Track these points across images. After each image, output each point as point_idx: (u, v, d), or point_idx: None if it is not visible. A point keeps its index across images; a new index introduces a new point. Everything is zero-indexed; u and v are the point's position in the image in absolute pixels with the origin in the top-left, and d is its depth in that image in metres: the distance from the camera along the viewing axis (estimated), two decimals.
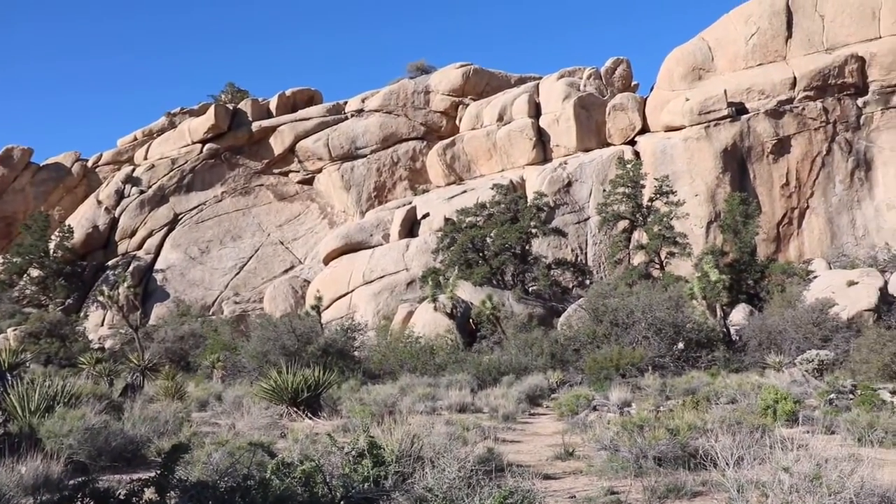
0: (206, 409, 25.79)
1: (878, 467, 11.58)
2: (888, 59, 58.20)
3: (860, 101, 58.74)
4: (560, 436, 17.60)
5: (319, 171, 71.93)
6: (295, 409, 21.90)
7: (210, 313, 64.57)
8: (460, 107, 71.16)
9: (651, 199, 53.95)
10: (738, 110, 58.36)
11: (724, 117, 57.87)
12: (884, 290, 43.72)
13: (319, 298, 51.46)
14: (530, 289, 53.04)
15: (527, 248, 53.80)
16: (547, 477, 13.34)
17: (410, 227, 62.14)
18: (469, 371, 32.84)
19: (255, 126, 73.31)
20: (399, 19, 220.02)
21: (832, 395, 22.53)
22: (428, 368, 36.20)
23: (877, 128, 58.43)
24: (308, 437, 15.37)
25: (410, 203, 64.82)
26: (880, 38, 59.56)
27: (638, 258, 54.43)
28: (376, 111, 72.32)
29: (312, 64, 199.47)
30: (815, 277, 48.33)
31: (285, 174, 73.45)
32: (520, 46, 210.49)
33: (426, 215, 62.02)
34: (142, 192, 72.59)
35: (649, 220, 52.82)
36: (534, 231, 53.74)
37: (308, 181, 72.95)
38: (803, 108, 58.29)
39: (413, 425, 13.16)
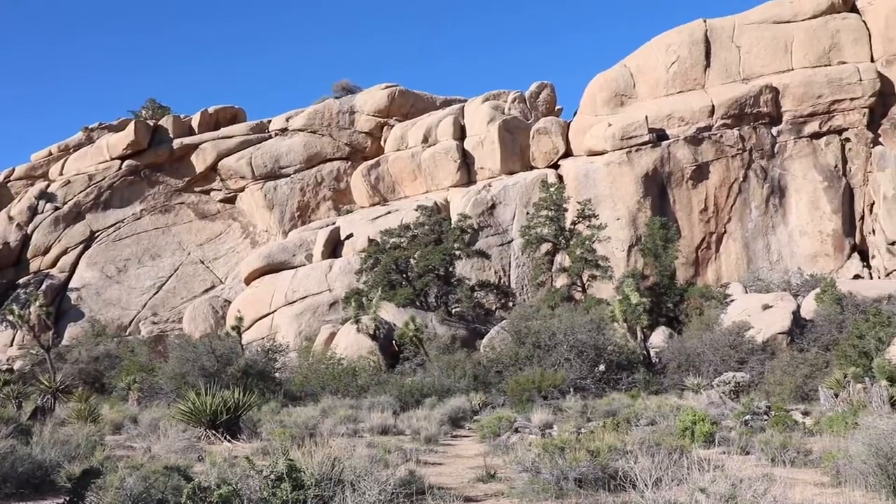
0: (121, 433, 25.08)
1: (789, 486, 11.77)
2: (800, 91, 60.13)
3: (774, 130, 60.51)
4: (482, 458, 17.55)
5: (242, 189, 71.03)
6: (213, 431, 21.43)
7: (127, 334, 63.00)
8: (385, 128, 71.12)
9: (574, 223, 54.56)
10: (659, 136, 59.55)
11: (645, 143, 58.96)
12: (797, 314, 44.86)
13: (240, 319, 50.55)
14: (454, 310, 53.07)
15: (450, 269, 53.85)
16: (468, 499, 13.26)
17: (334, 247, 61.70)
18: (391, 393, 32.64)
19: (177, 143, 72.06)
20: (324, 39, 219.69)
21: (747, 417, 22.95)
22: (350, 390, 35.87)
23: (790, 156, 60.21)
24: (226, 461, 15.01)
25: (334, 223, 64.42)
26: (792, 70, 61.56)
27: (560, 281, 54.92)
28: (301, 130, 71.82)
29: (236, 82, 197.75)
30: (731, 301, 49.35)
31: (207, 192, 72.31)
32: (445, 68, 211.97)
33: (350, 236, 61.70)
34: (56, 208, 70.61)
35: (572, 243, 53.38)
36: (458, 253, 53.85)
37: (230, 200, 71.97)
38: (721, 136, 59.76)
39: (334, 448, 12.96)
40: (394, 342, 47.29)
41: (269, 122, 74.52)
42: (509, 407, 30.07)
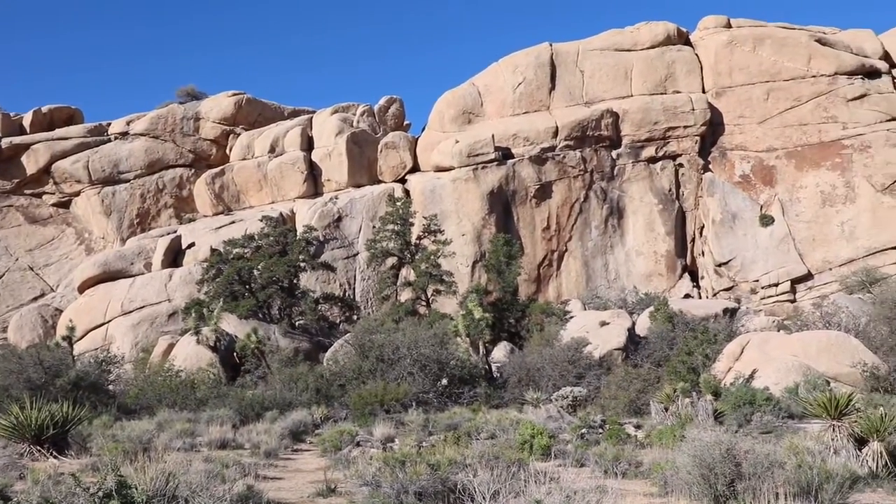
0: None
1: (621, 497, 12.19)
2: (638, 116, 62.78)
3: (614, 153, 62.89)
4: (323, 472, 17.40)
5: (77, 194, 67.90)
6: (39, 447, 20.35)
7: None
8: (231, 136, 69.64)
9: (419, 238, 54.97)
10: (505, 155, 60.80)
11: (491, 161, 60.07)
12: (632, 331, 46.62)
13: (72, 329, 48.42)
14: (297, 323, 52.45)
15: (295, 281, 53.22)
16: None
17: (174, 256, 59.85)
18: (231, 406, 31.86)
19: (6, 142, 68.21)
20: (169, 44, 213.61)
21: (584, 430, 23.65)
22: (188, 403, 34.79)
23: (628, 179, 62.70)
24: (51, 478, 14.28)
25: (175, 232, 62.53)
26: (632, 96, 64.26)
27: (405, 295, 55.15)
28: (142, 135, 69.37)
29: (74, 83, 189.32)
30: (571, 317, 50.79)
31: (38, 196, 68.74)
32: (294, 80, 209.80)
33: (192, 245, 60.02)
34: None
35: (417, 257, 53.73)
36: (302, 265, 53.31)
37: (64, 204, 68.67)
38: (564, 157, 61.59)
39: (169, 463, 12.57)
40: (235, 354, 46.27)
41: (109, 125, 71.63)
42: (351, 421, 29.91)
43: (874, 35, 67.47)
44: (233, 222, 61.80)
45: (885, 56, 65.54)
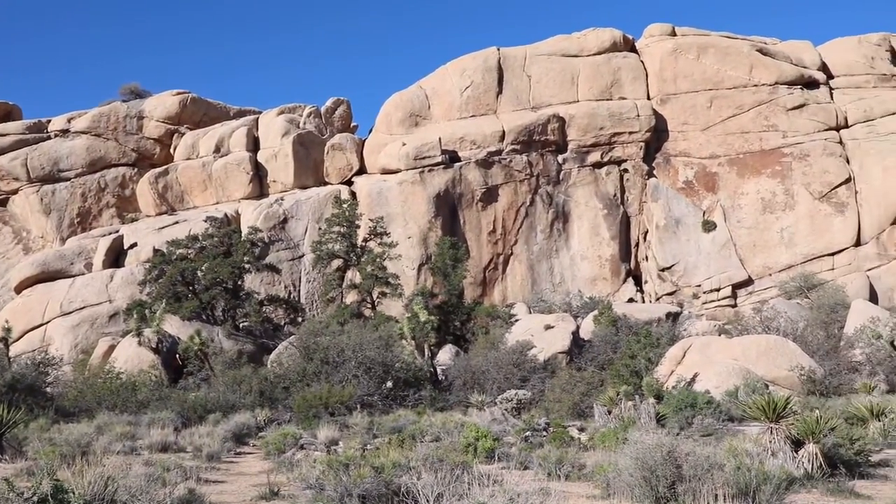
0: None
1: (564, 499, 12.28)
2: (584, 122, 63.36)
3: (560, 158, 63.38)
4: (266, 475, 17.26)
5: (15, 192, 66.46)
6: None
7: None
8: (176, 135, 68.79)
9: (365, 240, 54.84)
10: (452, 158, 60.92)
11: (438, 164, 60.15)
12: (576, 334, 47.02)
13: (8, 330, 47.46)
14: (241, 325, 51.97)
15: (239, 283, 52.74)
16: None
17: (116, 256, 58.90)
18: (173, 409, 31.48)
19: None
20: (111, 43, 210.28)
21: (528, 433, 23.78)
22: (129, 406, 34.30)
23: (574, 183, 63.23)
24: None
25: (118, 231, 61.52)
26: (578, 101, 64.83)
27: (351, 297, 54.98)
28: (84, 133, 68.17)
29: (12, 82, 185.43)
30: (516, 321, 51.05)
31: None
32: (240, 80, 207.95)
33: (134, 245, 59.12)
34: None
35: (363, 259, 53.59)
36: (247, 266, 52.86)
37: (1, 202, 67.25)
38: (511, 161, 61.91)
39: (108, 467, 12.37)
40: (178, 356, 45.72)
41: (49, 122, 70.26)
42: (295, 423, 29.72)
43: (812, 47, 69.00)
44: (176, 223, 61.01)
45: (823, 67, 67.05)
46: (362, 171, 64.82)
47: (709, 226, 61.53)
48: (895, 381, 36.67)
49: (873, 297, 55.73)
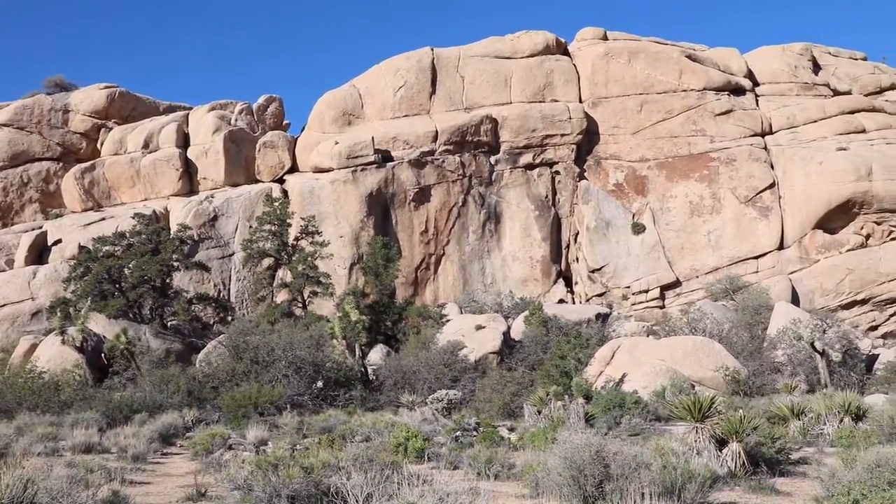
0: None
1: (493, 499, 12.36)
2: (517, 123, 63.77)
3: (493, 159, 63.70)
4: (193, 476, 17.03)
5: None
6: None
7: None
8: (103, 130, 67.27)
9: (297, 239, 54.43)
10: (384, 158, 60.80)
11: (370, 163, 59.98)
12: (507, 335, 47.31)
13: None
14: (169, 323, 51.16)
15: (168, 281, 51.92)
16: None
17: (39, 253, 57.48)
18: (98, 409, 30.86)
19: None
20: (35, 35, 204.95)
21: (458, 433, 23.87)
22: (51, 406, 33.52)
23: (506, 184, 63.62)
24: None
25: (41, 227, 60.01)
26: (511, 103, 65.24)
27: (281, 296, 54.55)
28: (5, 125, 66.18)
29: None
30: (447, 321, 51.17)
31: None
32: (170, 75, 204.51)
33: (58, 241, 57.75)
34: None
35: (294, 258, 53.19)
36: (176, 264, 52.04)
37: None
38: (443, 161, 62.02)
39: (28, 469, 12.08)
40: (103, 355, 44.81)
41: None
42: (224, 423, 29.39)
43: (739, 54, 70.56)
44: (103, 219, 59.80)
45: (749, 74, 68.63)
46: (294, 169, 64.31)
47: (638, 228, 62.46)
48: (815, 381, 37.68)
49: (795, 300, 57.23)
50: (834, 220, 60.74)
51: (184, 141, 64.18)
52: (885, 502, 10.27)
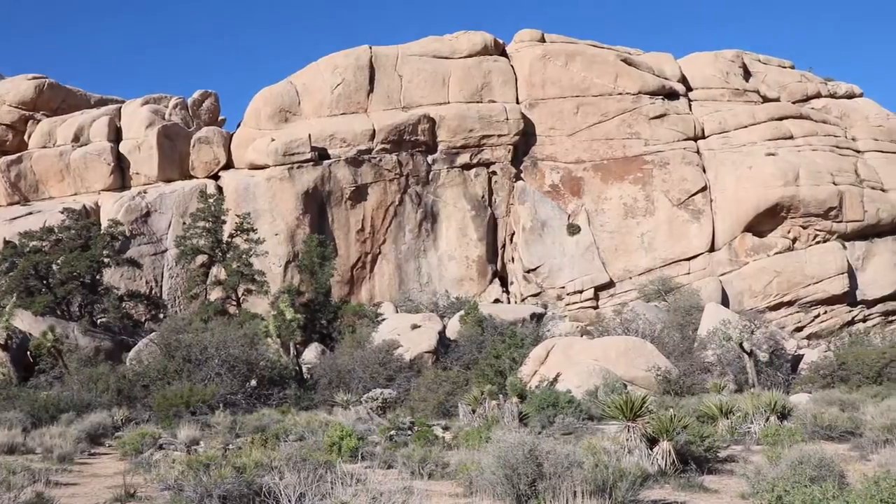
0: None
1: (426, 498, 12.37)
2: (454, 123, 63.92)
3: (430, 158, 63.75)
4: (122, 476, 16.72)
5: None
6: None
7: None
8: (31, 122, 65.56)
9: (231, 236, 53.81)
10: (321, 155, 60.44)
11: (307, 161, 59.58)
12: (442, 334, 47.42)
13: None
14: (99, 321, 50.17)
15: (98, 277, 50.92)
16: None
17: None
18: (22, 408, 30.06)
19: None
20: None
21: (393, 432, 23.83)
22: None
23: (443, 184, 63.72)
24: None
25: None
26: (449, 103, 65.35)
27: (215, 294, 53.89)
28: None
29: None
30: (383, 320, 51.11)
31: None
32: (102, 67, 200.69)
33: None
34: None
35: (229, 256, 52.60)
36: (106, 260, 51.06)
37: None
38: (381, 160, 61.89)
39: None
40: (29, 353, 43.75)
41: None
42: (155, 423, 28.90)
43: (673, 59, 71.73)
44: (30, 213, 58.39)
45: (683, 79, 69.86)
46: (229, 165, 63.57)
47: (573, 229, 63.07)
48: (743, 381, 38.44)
49: (725, 301, 58.36)
50: (763, 223, 62.13)
51: (116, 135, 62.99)
52: (806, 498, 10.55)
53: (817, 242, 62.56)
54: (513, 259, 64.51)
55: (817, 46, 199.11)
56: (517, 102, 66.42)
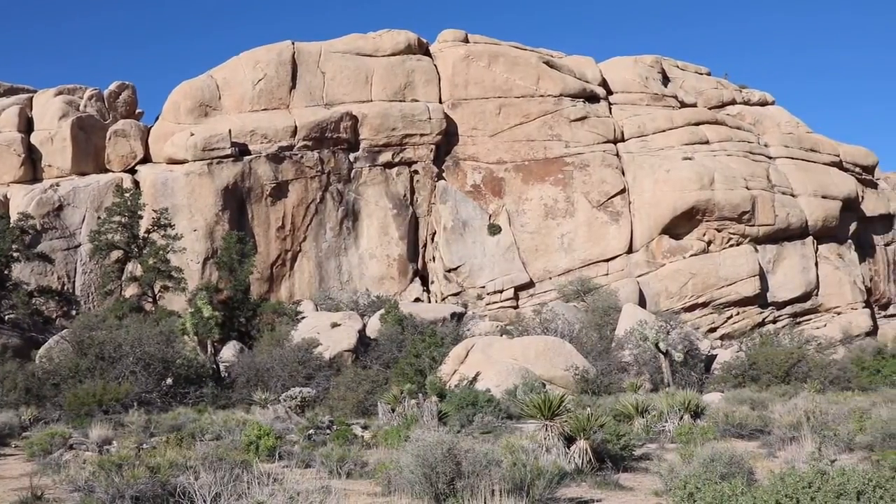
0: None
1: (344, 497, 12.32)
2: (377, 122, 63.76)
3: (352, 156, 63.48)
4: (29, 478, 16.24)
5: None
6: None
7: None
8: None
9: (148, 231, 52.81)
10: (242, 151, 59.67)
11: (227, 156, 58.77)
12: (362, 333, 47.27)
13: None
14: (7, 317, 48.71)
15: (6, 273, 49.43)
16: None
17: None
18: None
19: None
20: None
21: (311, 431, 23.67)
22: None
23: (365, 182, 63.51)
24: None
25: None
26: (371, 101, 65.17)
27: (130, 290, 52.84)
28: None
29: None
30: (303, 318, 50.72)
31: None
32: (12, 55, 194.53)
33: None
34: None
35: (145, 252, 51.62)
36: (15, 255, 49.65)
37: None
38: (302, 157, 61.38)
39: None
40: None
41: None
42: (66, 422, 28.16)
43: (595, 63, 72.75)
44: None
45: (604, 83, 70.90)
46: (147, 159, 62.34)
47: (494, 229, 63.49)
48: (659, 380, 39.18)
49: (642, 302, 59.42)
50: (679, 226, 63.44)
51: (27, 125, 61.18)
52: (716, 494, 10.82)
53: (731, 245, 64.13)
54: (434, 258, 64.63)
55: (733, 53, 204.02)
56: (440, 102, 66.56)
